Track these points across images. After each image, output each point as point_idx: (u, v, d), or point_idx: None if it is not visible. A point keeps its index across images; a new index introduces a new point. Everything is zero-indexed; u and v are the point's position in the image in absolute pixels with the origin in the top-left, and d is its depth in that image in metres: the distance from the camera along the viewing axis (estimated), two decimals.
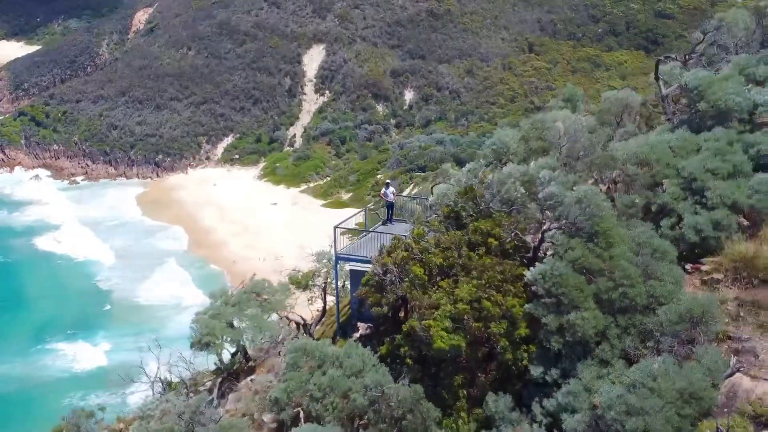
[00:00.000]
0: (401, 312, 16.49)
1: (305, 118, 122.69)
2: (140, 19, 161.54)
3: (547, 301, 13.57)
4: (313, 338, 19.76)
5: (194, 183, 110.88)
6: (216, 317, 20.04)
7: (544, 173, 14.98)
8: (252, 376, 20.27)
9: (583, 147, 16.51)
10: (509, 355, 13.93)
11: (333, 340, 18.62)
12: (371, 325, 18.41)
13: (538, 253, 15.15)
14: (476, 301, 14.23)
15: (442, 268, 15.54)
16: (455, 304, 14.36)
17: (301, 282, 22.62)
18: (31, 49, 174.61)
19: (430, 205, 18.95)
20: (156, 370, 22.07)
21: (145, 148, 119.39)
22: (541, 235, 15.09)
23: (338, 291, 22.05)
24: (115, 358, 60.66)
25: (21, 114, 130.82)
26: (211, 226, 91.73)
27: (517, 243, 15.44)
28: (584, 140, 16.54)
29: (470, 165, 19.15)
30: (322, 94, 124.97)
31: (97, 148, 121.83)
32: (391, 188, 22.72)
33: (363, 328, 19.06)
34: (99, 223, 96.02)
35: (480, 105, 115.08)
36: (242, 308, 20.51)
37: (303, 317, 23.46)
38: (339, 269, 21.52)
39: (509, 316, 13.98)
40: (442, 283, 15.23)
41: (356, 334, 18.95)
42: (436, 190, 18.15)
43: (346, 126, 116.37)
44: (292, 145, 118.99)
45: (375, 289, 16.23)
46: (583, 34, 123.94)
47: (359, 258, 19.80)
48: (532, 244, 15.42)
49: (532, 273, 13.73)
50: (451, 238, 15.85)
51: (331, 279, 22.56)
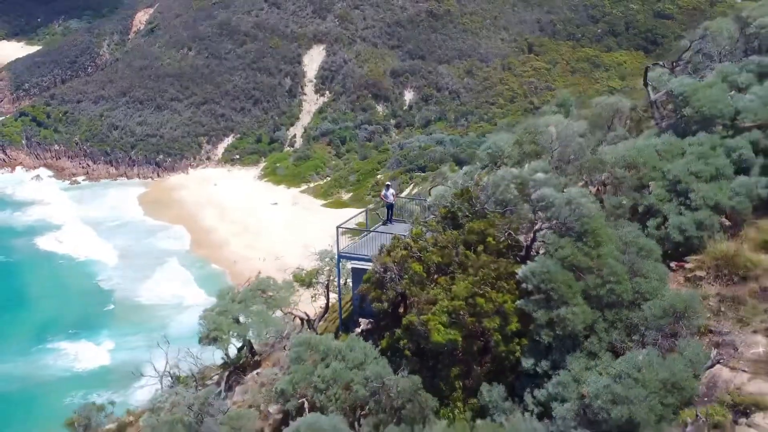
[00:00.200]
0: (401, 308, 17.03)
1: (305, 118, 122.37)
2: (141, 19, 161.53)
3: (538, 297, 14.06)
4: (317, 333, 20.27)
5: (195, 183, 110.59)
6: (223, 313, 20.67)
7: (537, 176, 15.67)
8: (258, 370, 20.91)
9: (574, 151, 17.20)
10: (502, 349, 14.51)
11: (336, 335, 19.08)
12: (372, 320, 18.93)
13: (531, 252, 15.64)
14: (471, 297, 14.78)
15: (440, 266, 16.09)
16: (452, 300, 14.90)
17: (305, 280, 23.29)
18: (32, 49, 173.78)
19: (428, 206, 19.56)
20: (165, 365, 22.74)
21: (145, 149, 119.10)
22: (533, 235, 15.60)
23: (340, 288, 22.59)
24: (118, 357, 60.77)
25: (22, 114, 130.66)
26: (212, 226, 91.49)
27: (511, 242, 15.98)
28: (575, 144, 17.26)
29: (466, 168, 19.81)
30: (322, 95, 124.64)
31: (98, 149, 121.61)
32: (391, 190, 23.29)
33: (364, 323, 19.57)
34: (100, 223, 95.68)
35: (479, 105, 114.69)
36: (248, 305, 21.11)
37: (307, 313, 24.02)
38: (341, 267, 22.08)
39: (502, 311, 14.50)
40: (440, 280, 15.75)
41: (358, 329, 19.46)
42: (433, 192, 18.85)
43: (346, 126, 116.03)
44: (293, 145, 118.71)
45: (376, 286, 16.77)
46: (582, 35, 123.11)
47: (360, 256, 20.38)
48: (524, 243, 15.92)
49: (523, 271, 14.25)
50: (448, 238, 16.41)
51: (334, 277, 23.13)
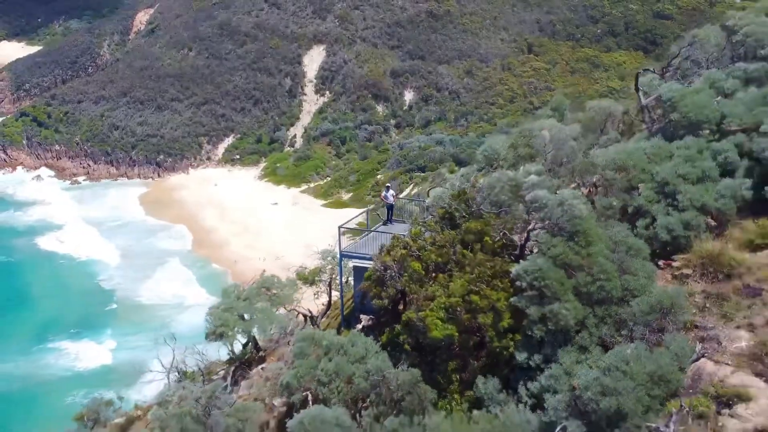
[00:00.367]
0: (400, 304, 17.69)
1: (305, 118, 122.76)
2: (141, 19, 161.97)
3: (531, 293, 14.64)
4: (320, 329, 21.00)
5: (195, 183, 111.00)
6: (229, 310, 21.37)
7: (531, 178, 16.34)
8: (263, 365, 21.59)
9: (567, 154, 17.86)
10: (496, 344, 15.12)
11: (338, 331, 19.76)
12: (373, 316, 19.55)
13: (525, 251, 16.20)
14: (467, 295, 15.38)
15: (438, 265, 16.67)
16: (449, 298, 15.49)
17: (308, 278, 24.02)
18: (33, 49, 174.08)
19: (427, 207, 20.29)
20: (171, 361, 23.41)
21: (146, 149, 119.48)
22: (527, 234, 16.15)
23: (342, 286, 23.23)
24: (120, 357, 61.16)
25: (23, 114, 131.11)
26: (213, 226, 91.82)
27: (506, 241, 16.60)
28: (567, 148, 17.93)
29: (463, 170, 20.52)
30: (323, 95, 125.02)
31: (99, 149, 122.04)
32: (391, 191, 23.93)
33: (365, 319, 20.14)
34: (102, 222, 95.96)
35: (479, 105, 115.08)
36: (253, 302, 21.80)
37: (310, 310, 24.67)
38: (343, 266, 22.71)
39: (495, 308, 15.09)
40: (438, 278, 16.34)
41: (359, 325, 20.05)
42: (432, 193, 19.57)
43: (346, 126, 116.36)
44: (293, 145, 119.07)
45: (376, 283, 17.40)
46: (582, 35, 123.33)
47: (362, 255, 20.98)
48: (519, 243, 16.49)
49: (516, 269, 14.84)
50: (446, 237, 17.04)
51: (336, 275, 23.82)
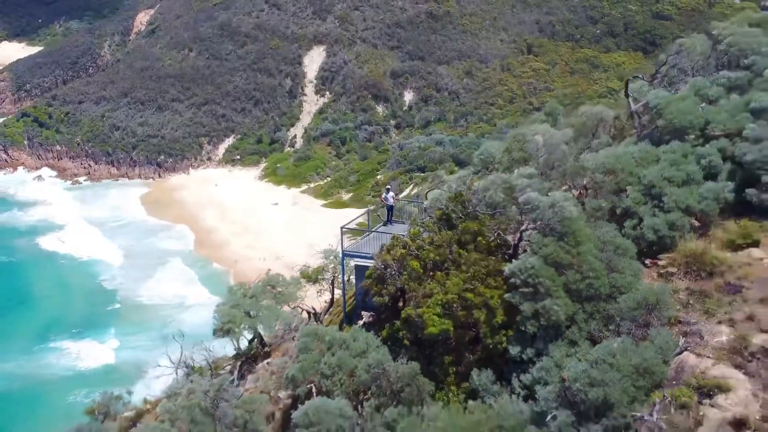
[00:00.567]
0: (400, 301, 18.53)
1: (306, 118, 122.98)
2: (141, 20, 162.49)
3: (525, 290, 15.37)
4: (323, 325, 21.87)
5: (196, 183, 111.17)
6: (235, 307, 22.26)
7: (523, 181, 17.21)
8: (268, 360, 22.43)
9: (558, 158, 18.71)
10: (489, 340, 15.91)
11: (340, 327, 20.54)
12: (373, 313, 20.40)
13: (518, 250, 17.01)
14: (463, 292, 16.21)
15: (436, 263, 17.45)
16: (445, 295, 16.28)
17: (311, 276, 24.90)
18: (33, 50, 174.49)
19: (425, 208, 21.12)
20: (180, 356, 24.23)
21: (146, 149, 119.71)
22: (520, 235, 16.93)
23: (344, 284, 24.08)
24: (123, 356, 61.41)
25: (24, 115, 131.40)
26: (213, 226, 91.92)
27: (500, 241, 17.37)
28: (559, 152, 18.76)
29: (460, 173, 21.37)
30: (323, 95, 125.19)
31: (100, 149, 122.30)
32: (391, 192, 24.82)
33: (366, 315, 20.98)
34: (103, 222, 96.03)
35: (479, 106, 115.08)
36: (258, 300, 22.67)
37: (313, 307, 25.51)
38: (345, 265, 23.58)
39: (489, 305, 15.87)
40: (436, 276, 17.13)
41: (361, 321, 20.84)
42: (430, 195, 20.39)
43: (347, 127, 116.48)
44: (293, 145, 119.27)
45: (377, 281, 18.22)
46: (581, 36, 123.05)
47: (363, 254, 21.79)
48: (512, 242, 17.31)
49: (510, 267, 15.60)
50: (443, 237, 17.82)
51: (338, 273, 24.58)
